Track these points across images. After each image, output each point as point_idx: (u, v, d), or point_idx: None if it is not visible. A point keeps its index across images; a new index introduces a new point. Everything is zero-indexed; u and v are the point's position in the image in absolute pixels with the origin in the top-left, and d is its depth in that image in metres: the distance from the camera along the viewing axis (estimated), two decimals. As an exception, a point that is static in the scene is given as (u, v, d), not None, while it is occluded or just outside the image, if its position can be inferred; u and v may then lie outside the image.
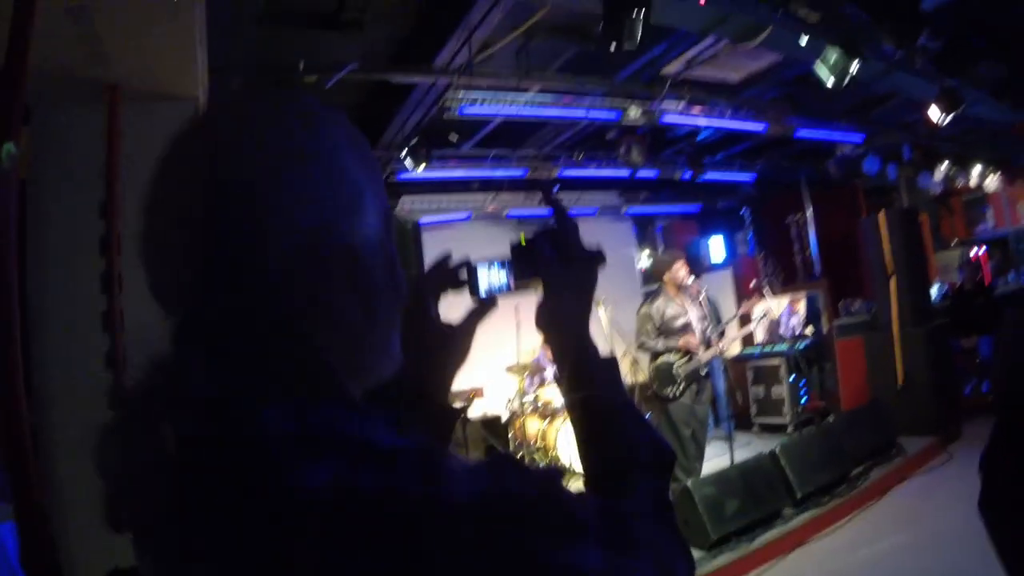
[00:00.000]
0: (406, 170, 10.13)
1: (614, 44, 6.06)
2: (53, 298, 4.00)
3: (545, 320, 1.45)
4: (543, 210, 13.41)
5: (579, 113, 9.61)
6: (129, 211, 4.26)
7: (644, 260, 15.78)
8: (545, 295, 1.46)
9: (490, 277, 1.53)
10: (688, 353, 8.44)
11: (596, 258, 1.52)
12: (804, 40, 7.22)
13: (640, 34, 6.01)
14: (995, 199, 16.77)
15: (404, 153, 9.56)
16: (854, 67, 7.23)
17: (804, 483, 8.03)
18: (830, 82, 7.43)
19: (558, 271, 1.46)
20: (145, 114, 4.87)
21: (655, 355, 8.62)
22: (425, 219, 12.67)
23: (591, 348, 1.42)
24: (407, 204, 12.19)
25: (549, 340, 1.45)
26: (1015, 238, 16.47)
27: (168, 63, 4.76)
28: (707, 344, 8.51)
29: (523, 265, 1.53)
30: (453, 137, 9.87)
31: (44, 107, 4.35)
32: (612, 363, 1.42)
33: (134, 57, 4.42)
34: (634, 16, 5.88)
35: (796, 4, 6.82)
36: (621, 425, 1.33)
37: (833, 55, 7.27)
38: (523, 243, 1.53)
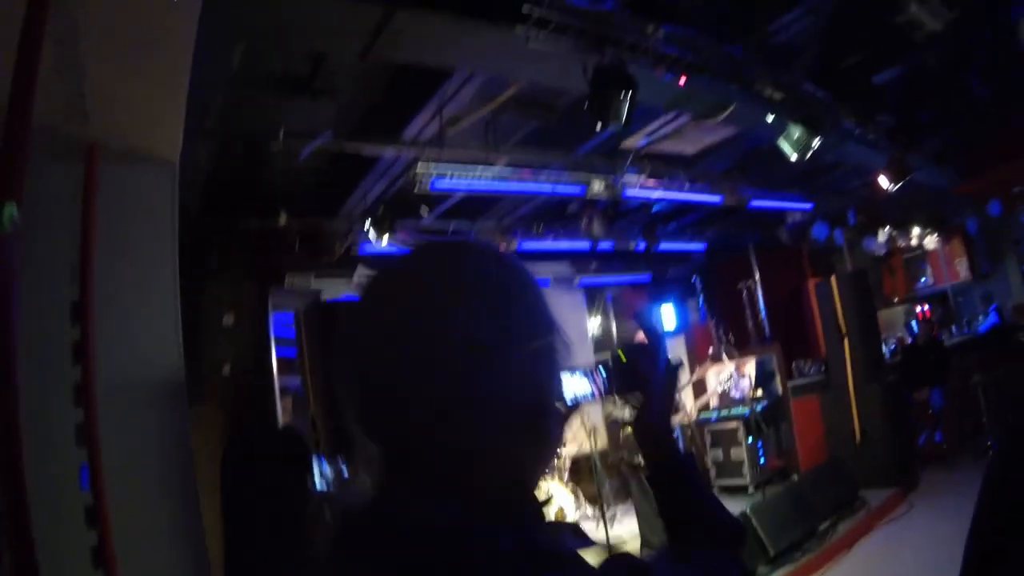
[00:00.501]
0: (367, 241, 10.13)
1: (599, 123, 6.19)
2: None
3: (644, 427, 1.64)
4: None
5: (546, 188, 9.75)
6: (100, 275, 4.28)
7: (595, 329, 15.98)
8: (645, 406, 1.64)
9: (573, 385, 1.71)
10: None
11: (679, 368, 1.71)
12: (770, 118, 7.45)
13: (626, 114, 6.16)
14: (934, 257, 17.32)
15: (367, 224, 9.59)
16: (816, 142, 7.50)
17: (776, 541, 8.13)
18: (793, 156, 7.72)
19: (657, 386, 1.64)
20: (121, 175, 4.90)
21: (623, 425, 8.71)
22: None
23: (676, 444, 1.63)
24: (364, 275, 12.18)
25: (645, 442, 1.63)
26: (954, 293, 17.24)
27: (151, 124, 4.80)
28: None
29: (624, 379, 1.68)
30: (424, 211, 9.91)
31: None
32: (692, 458, 1.65)
33: (116, 116, 4.46)
34: (621, 98, 6.02)
35: (761, 83, 7.07)
36: (709, 509, 1.55)
37: (796, 131, 7.55)
38: (623, 359, 1.65)
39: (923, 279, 17.84)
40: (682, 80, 6.44)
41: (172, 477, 4.78)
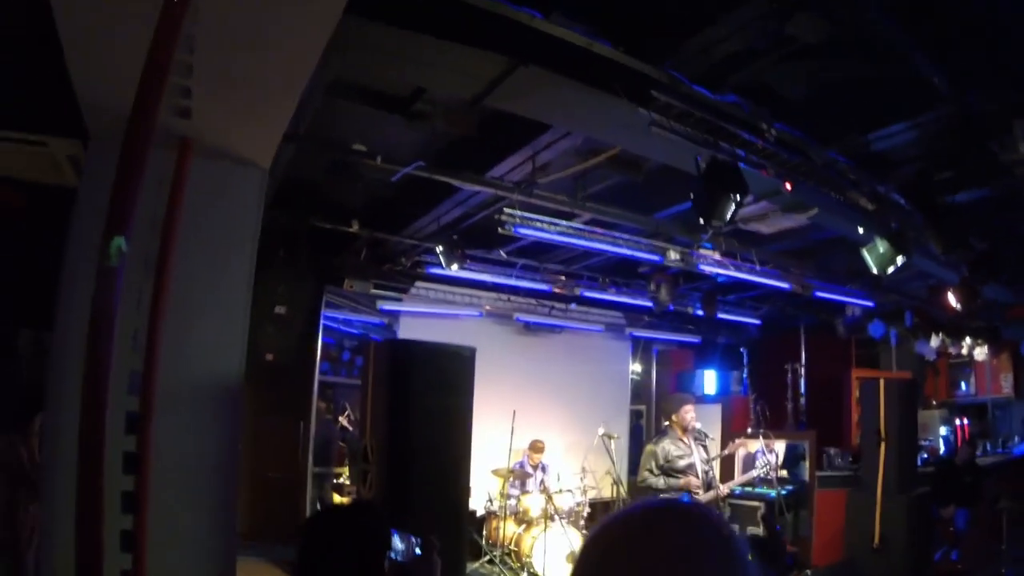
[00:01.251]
0: (434, 264, 10.18)
1: (702, 219, 6.21)
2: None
3: None
4: (551, 321, 13.60)
5: (625, 251, 9.80)
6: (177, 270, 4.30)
7: (633, 374, 16.08)
8: None
9: None
10: (688, 493, 8.49)
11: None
12: (860, 230, 7.44)
13: (730, 216, 6.17)
14: (979, 367, 17.15)
15: (439, 248, 9.65)
16: (900, 260, 7.46)
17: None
18: (875, 269, 7.67)
19: None
20: (211, 172, 4.92)
21: (656, 492, 8.68)
22: (437, 310, 12.76)
23: None
24: (422, 290, 12.30)
25: None
26: (993, 406, 17.00)
27: (250, 130, 4.81)
28: (707, 486, 8.60)
29: None
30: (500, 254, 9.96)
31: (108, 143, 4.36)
32: None
33: (218, 117, 4.47)
34: (729, 199, 6.02)
35: (857, 193, 7.04)
36: None
37: (882, 247, 7.51)
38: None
39: (965, 386, 17.70)
40: (788, 186, 6.42)
41: (216, 485, 4.83)
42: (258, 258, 5.33)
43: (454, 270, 9.94)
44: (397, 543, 3.38)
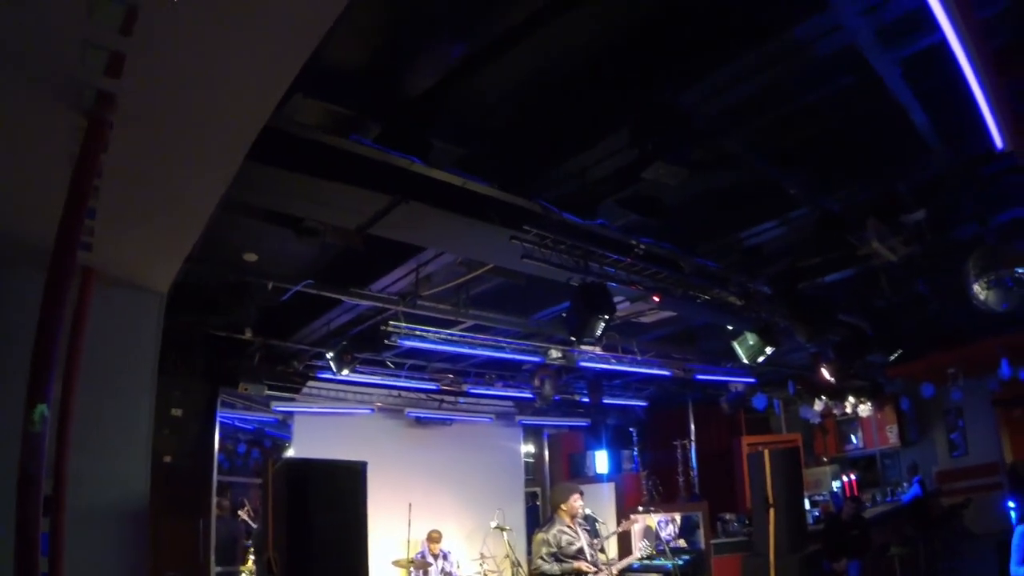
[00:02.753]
0: (326, 367, 10.42)
1: (573, 339, 6.60)
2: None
3: None
4: (441, 415, 13.86)
5: (505, 354, 10.20)
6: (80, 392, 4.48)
7: (527, 456, 16.37)
8: None
9: None
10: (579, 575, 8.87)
11: None
12: (730, 327, 7.89)
13: (600, 333, 6.57)
14: (865, 422, 18.02)
15: (331, 356, 9.93)
16: (768, 350, 7.94)
17: None
18: (745, 360, 8.15)
19: None
20: (109, 300, 5.12)
21: (550, 577, 9.01)
22: (330, 408, 12.91)
23: None
24: (314, 389, 12.44)
25: None
26: (882, 456, 17.98)
27: (150, 262, 5.06)
28: (595, 567, 8.98)
29: None
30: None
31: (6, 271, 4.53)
32: None
33: (120, 251, 4.74)
34: (598, 319, 6.42)
35: (724, 293, 7.53)
36: None
37: (752, 339, 7.99)
38: None
39: (854, 441, 18.53)
40: (656, 298, 6.85)
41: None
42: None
43: (344, 374, 10.20)
44: None
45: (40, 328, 3.09)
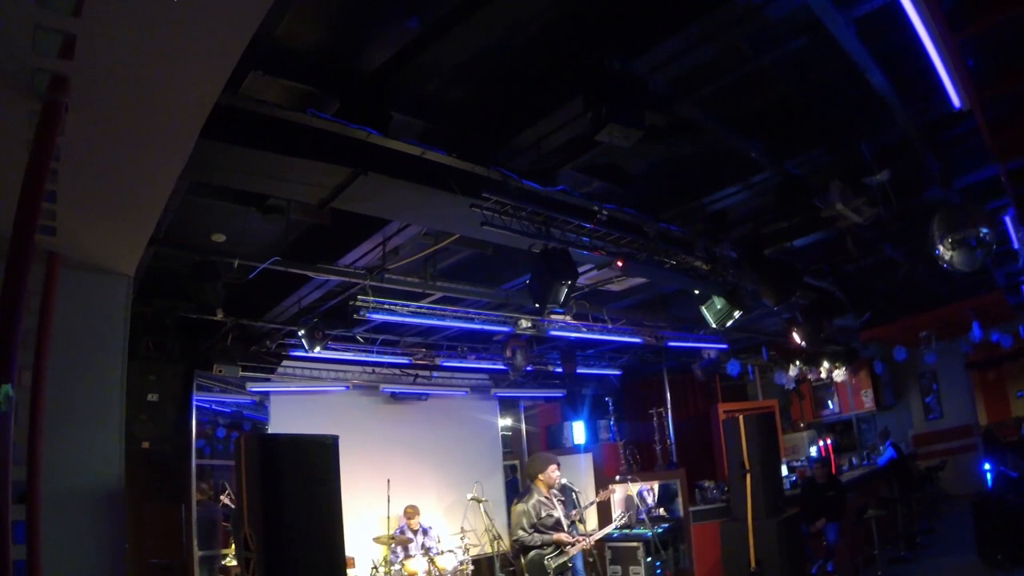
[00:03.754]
0: (298, 346, 10.40)
1: (538, 305, 6.59)
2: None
3: None
4: (416, 389, 13.87)
5: (476, 325, 10.18)
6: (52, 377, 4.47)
7: (504, 430, 16.38)
8: None
9: None
10: (559, 546, 8.90)
11: None
12: (696, 292, 7.91)
13: (564, 299, 6.59)
14: (841, 387, 18.22)
15: (302, 333, 9.88)
16: (737, 315, 7.97)
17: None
18: (713, 324, 8.18)
19: None
20: (75, 285, 5.12)
21: (527, 549, 9.03)
22: (305, 387, 12.91)
23: None
24: (289, 369, 12.43)
25: None
26: (858, 421, 18.57)
27: (114, 246, 5.04)
28: (572, 537, 9.07)
29: None
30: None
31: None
32: None
33: (83, 235, 4.72)
34: (562, 285, 6.43)
35: (690, 258, 7.55)
36: None
37: (719, 303, 8.01)
38: None
39: (830, 406, 18.72)
40: (619, 263, 6.86)
41: None
42: (128, 347, 5.54)
43: (317, 352, 10.17)
44: None
45: (1, 309, 3.05)
